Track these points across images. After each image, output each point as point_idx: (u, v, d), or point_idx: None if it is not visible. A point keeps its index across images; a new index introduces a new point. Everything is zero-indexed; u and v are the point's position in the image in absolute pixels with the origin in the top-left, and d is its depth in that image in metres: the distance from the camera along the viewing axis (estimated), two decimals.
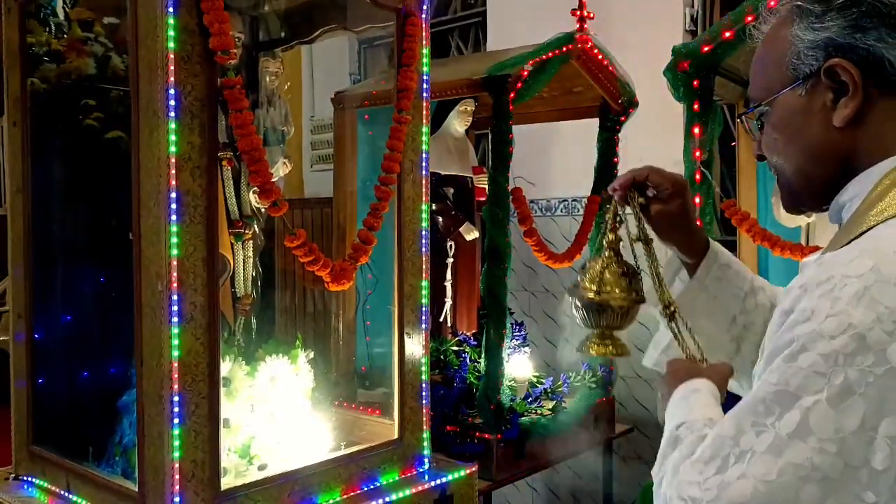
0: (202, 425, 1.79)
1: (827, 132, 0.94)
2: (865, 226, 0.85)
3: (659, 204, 1.21)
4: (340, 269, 2.01)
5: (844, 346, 0.75)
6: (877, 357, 0.74)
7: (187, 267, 1.74)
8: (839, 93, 0.92)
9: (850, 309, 0.76)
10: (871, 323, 0.74)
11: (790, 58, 0.96)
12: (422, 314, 2.35)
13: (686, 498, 0.81)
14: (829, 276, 0.79)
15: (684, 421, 0.97)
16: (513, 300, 4.20)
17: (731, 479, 0.77)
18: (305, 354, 2.34)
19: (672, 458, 0.91)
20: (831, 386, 0.75)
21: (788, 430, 0.75)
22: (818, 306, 0.78)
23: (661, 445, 0.99)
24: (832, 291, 0.78)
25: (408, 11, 2.22)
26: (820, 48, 0.93)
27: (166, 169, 1.70)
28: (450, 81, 2.96)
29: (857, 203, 0.92)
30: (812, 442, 0.74)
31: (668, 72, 2.73)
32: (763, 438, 0.77)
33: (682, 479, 0.84)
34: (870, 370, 0.74)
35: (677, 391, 1.07)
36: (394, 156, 2.17)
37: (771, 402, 0.78)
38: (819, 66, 0.93)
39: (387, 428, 2.34)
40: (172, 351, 1.72)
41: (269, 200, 1.85)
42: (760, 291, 1.27)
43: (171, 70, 1.69)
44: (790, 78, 0.96)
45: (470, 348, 3.19)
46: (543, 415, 3.05)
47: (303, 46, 4.97)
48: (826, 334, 0.76)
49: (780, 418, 0.76)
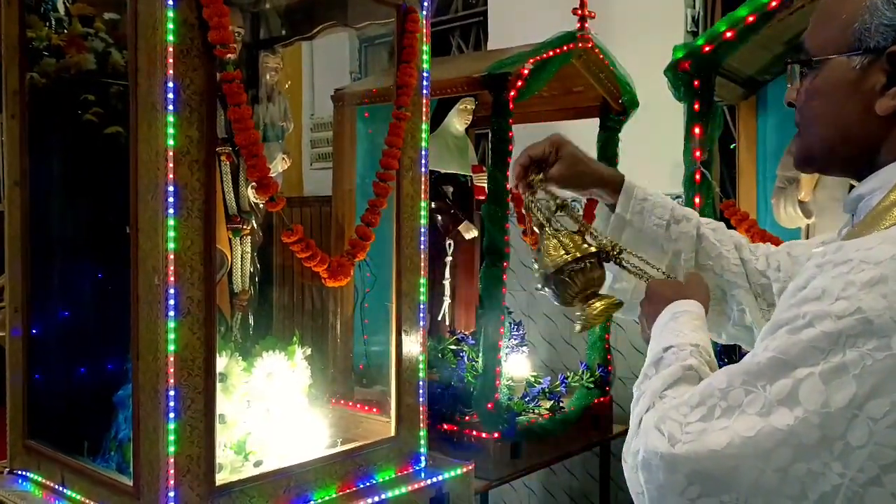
0: (198, 420, 1.79)
1: (866, 115, 0.92)
2: (889, 221, 0.84)
3: (553, 168, 1.28)
4: (338, 264, 2.01)
5: (850, 327, 0.75)
6: (880, 342, 0.74)
7: (184, 261, 1.74)
8: (892, 81, 0.90)
9: (861, 294, 0.76)
10: (881, 310, 0.74)
11: (860, 26, 0.91)
12: (420, 312, 2.35)
13: (664, 432, 0.84)
14: (847, 259, 0.79)
15: (672, 344, 1.00)
16: (511, 299, 4.19)
17: (714, 429, 0.80)
18: (302, 351, 2.33)
19: (652, 380, 0.95)
20: (827, 362, 0.76)
21: (778, 396, 0.77)
22: (830, 287, 0.78)
23: (646, 363, 1.01)
24: (847, 274, 0.78)
25: (408, 8, 2.21)
26: (893, 28, 0.89)
27: (164, 162, 1.69)
28: (450, 80, 2.96)
29: (877, 197, 0.91)
30: (798, 411, 0.76)
31: (668, 72, 2.72)
32: (752, 399, 0.79)
33: (664, 413, 0.86)
34: (870, 353, 0.74)
35: (665, 311, 1.10)
36: (392, 152, 2.16)
37: (766, 366, 0.79)
38: (885, 46, 0.89)
39: (383, 425, 2.33)
40: (168, 345, 1.72)
41: (267, 195, 1.85)
42: (684, 220, 1.31)
43: (171, 63, 1.69)
44: (851, 46, 0.92)
45: (468, 347, 3.19)
46: (541, 414, 3.05)
47: (304, 46, 4.98)
48: (834, 314, 0.76)
49: (772, 383, 0.78)
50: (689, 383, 0.92)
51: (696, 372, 0.95)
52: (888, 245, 0.79)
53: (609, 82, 3.19)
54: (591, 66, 3.11)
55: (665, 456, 0.82)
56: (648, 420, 0.88)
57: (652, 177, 3.48)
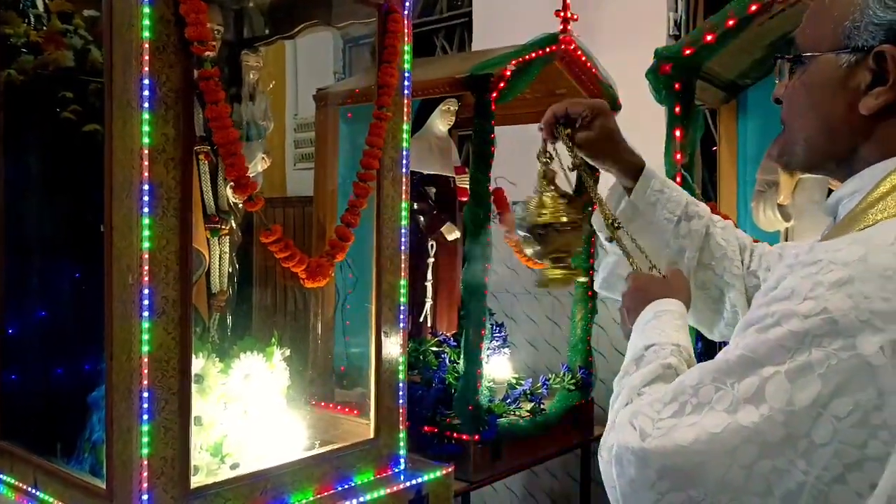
0: (172, 421, 1.76)
1: (850, 113, 0.92)
2: (865, 222, 0.85)
3: (583, 131, 1.28)
4: (317, 265, 1.99)
5: (816, 327, 0.76)
6: (845, 342, 0.75)
7: (160, 260, 1.72)
8: (877, 80, 0.90)
9: (828, 294, 0.76)
10: (847, 310, 0.75)
11: (850, 24, 0.91)
12: (399, 313, 2.33)
13: (636, 427, 0.85)
14: (816, 259, 0.80)
15: (654, 342, 1.02)
16: (494, 301, 4.20)
17: (683, 425, 0.82)
18: (281, 352, 2.31)
19: (632, 377, 0.97)
20: (793, 361, 0.76)
21: (745, 394, 0.78)
22: (799, 286, 0.79)
23: (626, 360, 1.03)
24: (816, 275, 0.78)
25: (389, 8, 2.20)
26: (882, 28, 0.88)
27: (139, 160, 1.67)
28: (433, 80, 2.95)
29: (857, 198, 0.91)
30: (763, 409, 0.77)
31: (649, 74, 2.73)
32: (720, 396, 0.80)
33: (638, 408, 0.88)
34: (834, 353, 0.75)
35: (648, 308, 1.11)
36: (373, 152, 2.15)
37: (735, 364, 0.81)
38: (872, 45, 0.89)
39: (362, 427, 2.32)
40: (143, 345, 1.69)
41: (245, 194, 1.83)
42: (695, 217, 1.31)
43: (146, 60, 1.67)
44: (840, 43, 0.92)
45: (449, 349, 3.18)
46: (522, 416, 3.04)
47: (288, 46, 4.96)
48: (801, 313, 0.77)
49: (740, 381, 0.79)
50: (667, 382, 0.93)
51: (675, 371, 0.96)
52: (857, 246, 0.79)
53: (591, 84, 3.19)
54: (574, 69, 3.12)
55: (636, 451, 0.84)
56: (623, 415, 0.89)
57: None
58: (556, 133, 1.28)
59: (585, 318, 3.36)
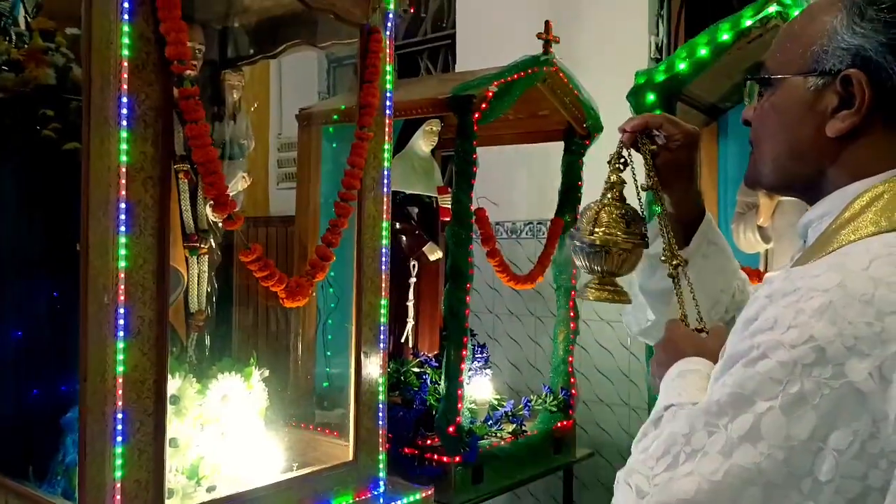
0: (147, 444, 1.73)
1: (818, 136, 0.93)
2: (836, 245, 0.84)
3: (668, 153, 1.20)
4: (296, 285, 1.98)
5: (804, 356, 0.75)
6: (834, 370, 0.74)
7: (136, 280, 1.70)
8: (844, 104, 0.90)
9: (812, 321, 0.75)
10: (832, 337, 0.74)
11: (818, 47, 0.92)
12: (380, 333, 2.32)
13: (632, 485, 0.82)
14: (795, 287, 0.79)
15: (673, 403, 0.96)
16: (476, 322, 4.19)
17: (679, 475, 0.78)
18: (260, 372, 2.29)
19: (647, 439, 0.91)
20: (786, 394, 0.75)
21: (740, 432, 0.76)
22: (782, 316, 0.78)
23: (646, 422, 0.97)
24: (797, 303, 0.78)
25: (372, 28, 2.21)
26: (849, 52, 0.89)
27: (116, 178, 1.66)
28: (415, 101, 2.96)
29: (826, 221, 0.91)
30: (761, 447, 0.74)
31: (630, 97, 2.75)
32: (714, 439, 0.77)
33: (632, 467, 0.84)
34: (826, 382, 0.74)
35: (675, 366, 1.05)
36: (354, 172, 2.14)
37: (725, 404, 0.78)
38: (839, 69, 0.90)
39: (342, 449, 2.29)
40: (117, 366, 1.67)
41: (224, 213, 1.82)
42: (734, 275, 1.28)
43: (125, 78, 1.66)
44: (808, 66, 0.93)
45: (431, 370, 3.16)
46: (503, 438, 3.02)
47: (272, 66, 4.97)
48: (787, 343, 0.76)
49: (733, 420, 0.76)
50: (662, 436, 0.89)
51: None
52: (833, 272, 0.79)
53: (574, 106, 3.21)
54: (556, 91, 3.13)
55: None
56: (619, 475, 0.86)
57: None
58: (640, 144, 1.19)
59: (567, 340, 3.35)
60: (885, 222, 0.84)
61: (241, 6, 2.55)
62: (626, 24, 3.87)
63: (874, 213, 0.86)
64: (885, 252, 0.80)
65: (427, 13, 5.12)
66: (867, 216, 0.86)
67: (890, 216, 0.85)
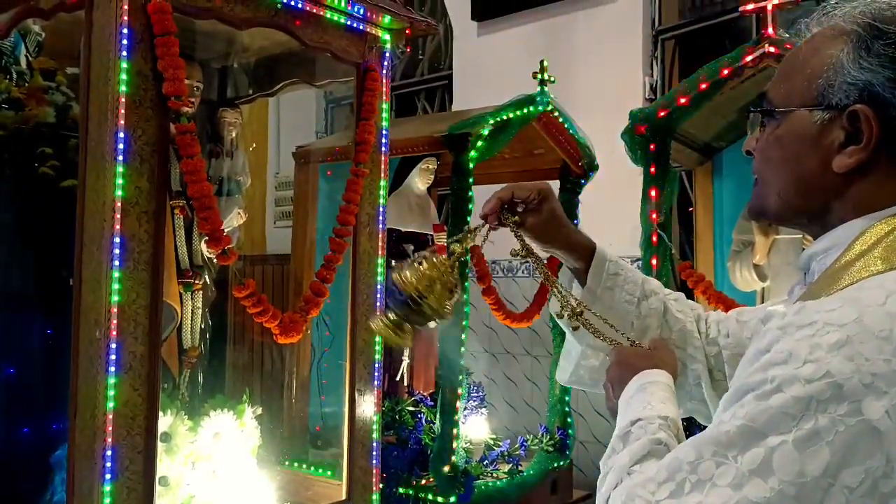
0: (136, 482, 1.71)
1: (823, 170, 0.91)
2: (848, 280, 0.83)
3: (531, 215, 1.22)
4: (290, 321, 1.97)
5: (820, 392, 0.73)
6: (850, 408, 0.72)
7: (129, 314, 1.69)
8: (851, 139, 0.88)
9: (829, 357, 0.74)
10: (849, 373, 0.73)
11: (824, 82, 0.90)
12: (374, 371, 2.30)
13: None
14: (811, 321, 0.77)
15: (640, 417, 0.96)
16: (473, 361, 4.16)
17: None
18: (253, 410, 2.26)
19: (620, 455, 0.91)
20: (800, 429, 0.73)
21: (751, 466, 0.74)
22: (797, 349, 0.76)
23: (613, 437, 0.96)
24: (813, 337, 0.76)
25: (368, 66, 2.23)
26: (856, 87, 0.87)
27: (111, 213, 1.66)
28: (411, 139, 2.98)
29: (832, 255, 0.90)
30: (772, 482, 0.73)
31: (625, 135, 2.77)
32: (723, 471, 0.75)
33: (631, 490, 0.82)
34: (841, 419, 0.72)
35: (633, 381, 1.05)
36: (350, 208, 2.15)
37: (735, 435, 0.76)
38: (846, 104, 0.88)
39: (335, 489, 2.26)
40: (108, 402, 1.65)
41: (218, 248, 1.82)
42: (653, 295, 1.27)
43: (122, 114, 1.67)
44: (814, 100, 0.91)
45: (426, 409, 3.13)
46: (499, 478, 2.98)
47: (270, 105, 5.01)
48: (802, 378, 0.74)
49: (743, 453, 0.75)
50: (659, 458, 0.88)
51: (665, 446, 0.92)
52: (849, 307, 0.77)
53: (569, 145, 3.23)
54: (552, 129, 3.16)
55: None
56: (616, 499, 0.84)
57: (611, 238, 3.52)
58: (504, 220, 1.22)
59: None
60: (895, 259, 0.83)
61: (239, 45, 2.58)
62: (621, 64, 3.92)
63: (883, 250, 0.84)
64: None
65: (424, 54, 5.18)
66: (876, 253, 0.84)
67: None
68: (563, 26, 4.13)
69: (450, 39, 4.84)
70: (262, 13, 1.97)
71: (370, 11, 2.20)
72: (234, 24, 1.96)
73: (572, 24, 4.10)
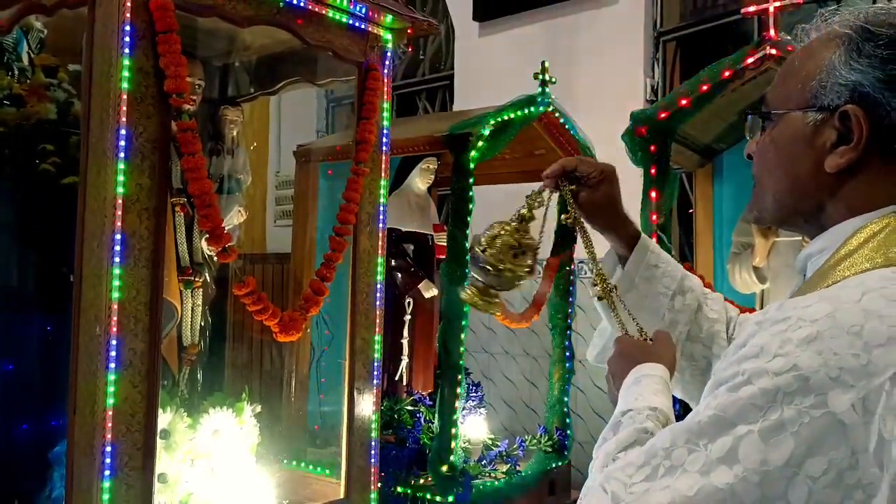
0: (135, 479, 1.71)
1: (816, 171, 0.93)
2: (832, 279, 0.85)
3: (587, 191, 1.25)
4: (290, 319, 1.97)
5: (787, 384, 0.75)
6: (816, 400, 0.74)
7: (129, 311, 1.69)
8: (842, 139, 0.90)
9: (798, 351, 0.76)
10: (817, 367, 0.75)
11: (816, 83, 0.92)
12: (373, 370, 2.30)
13: (608, 491, 0.83)
14: (785, 316, 0.80)
15: (631, 408, 0.99)
16: (472, 361, 4.16)
17: (656, 488, 0.79)
18: (252, 408, 2.27)
19: (608, 443, 0.94)
20: (766, 419, 0.75)
21: (718, 454, 0.77)
22: (768, 344, 0.78)
23: (606, 426, 1.00)
24: (785, 332, 0.78)
25: (370, 66, 2.24)
26: (847, 88, 0.89)
27: (112, 210, 1.66)
28: (412, 138, 2.98)
29: (825, 255, 0.91)
30: (737, 469, 0.75)
31: (625, 136, 2.77)
32: (693, 457, 0.78)
33: (610, 473, 0.86)
34: (807, 411, 0.74)
35: (631, 374, 1.09)
36: (350, 207, 2.15)
37: (707, 425, 0.79)
38: (838, 105, 0.90)
39: (333, 487, 2.26)
40: (107, 398, 1.65)
41: (219, 246, 1.82)
42: (689, 292, 1.30)
43: (123, 111, 1.67)
44: (807, 101, 0.93)
45: (425, 408, 3.13)
46: (497, 478, 2.98)
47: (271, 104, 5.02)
48: (771, 371, 0.76)
49: (713, 441, 0.78)
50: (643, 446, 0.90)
51: (650, 435, 0.94)
52: (824, 303, 0.79)
53: (569, 146, 3.24)
54: (552, 130, 3.16)
55: None
56: (595, 480, 0.87)
57: None
58: (560, 186, 1.26)
59: (563, 380, 3.33)
60: (880, 258, 0.85)
61: (241, 43, 2.58)
62: (623, 65, 3.92)
63: (870, 250, 0.86)
64: (878, 286, 0.80)
65: (425, 55, 5.19)
66: (863, 252, 0.86)
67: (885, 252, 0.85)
68: (565, 27, 4.13)
69: (451, 39, 4.84)
70: (264, 11, 1.97)
71: (372, 11, 2.21)
72: (236, 22, 1.96)
73: (574, 25, 4.11)
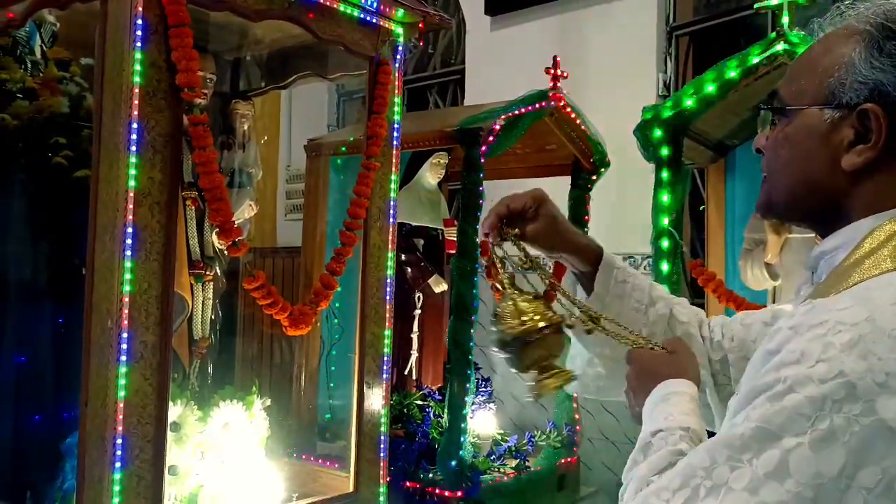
0: (146, 470, 1.72)
1: (832, 169, 0.91)
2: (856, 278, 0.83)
3: (530, 224, 1.20)
4: (300, 313, 1.98)
5: (834, 392, 0.72)
6: (865, 407, 0.72)
7: (140, 304, 1.70)
8: (860, 137, 0.88)
9: (842, 356, 0.73)
10: (862, 372, 0.72)
11: (836, 80, 0.90)
12: (383, 364, 2.30)
13: None
14: (822, 320, 0.77)
15: (661, 428, 0.94)
16: (481, 356, 4.16)
17: None
18: (262, 401, 2.27)
19: (640, 466, 0.90)
20: (815, 430, 0.72)
21: (766, 469, 0.73)
22: (809, 349, 0.75)
23: (635, 448, 0.95)
24: (825, 336, 0.75)
25: (381, 60, 2.23)
26: (867, 86, 0.87)
27: (124, 203, 1.67)
28: (423, 133, 2.98)
29: (840, 254, 0.90)
30: (789, 484, 0.72)
31: (638, 132, 2.76)
32: (738, 474, 0.74)
33: (646, 499, 0.81)
34: (856, 419, 0.71)
35: (656, 390, 1.03)
36: (360, 201, 2.15)
37: (750, 438, 0.75)
38: (857, 103, 0.88)
39: (342, 481, 2.27)
40: (118, 391, 1.66)
41: (229, 240, 1.82)
42: (660, 301, 1.26)
43: (136, 105, 1.68)
44: (824, 98, 0.91)
45: (434, 403, 3.13)
46: (506, 473, 2.98)
47: (283, 98, 5.02)
48: (816, 378, 0.73)
49: (758, 456, 0.74)
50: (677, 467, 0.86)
51: None
52: (860, 306, 0.77)
53: (580, 141, 3.22)
54: (563, 125, 3.15)
55: None
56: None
57: (622, 235, 3.53)
58: (505, 236, 1.19)
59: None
60: None
61: (252, 37, 2.58)
62: (635, 60, 3.90)
63: (893, 248, 0.84)
64: None
65: (436, 49, 5.18)
66: (885, 251, 0.84)
67: None
68: (577, 22, 4.11)
69: (462, 34, 4.83)
70: (275, 5, 1.97)
71: (383, 5, 2.20)
72: (247, 17, 1.96)
73: (586, 19, 4.08)
